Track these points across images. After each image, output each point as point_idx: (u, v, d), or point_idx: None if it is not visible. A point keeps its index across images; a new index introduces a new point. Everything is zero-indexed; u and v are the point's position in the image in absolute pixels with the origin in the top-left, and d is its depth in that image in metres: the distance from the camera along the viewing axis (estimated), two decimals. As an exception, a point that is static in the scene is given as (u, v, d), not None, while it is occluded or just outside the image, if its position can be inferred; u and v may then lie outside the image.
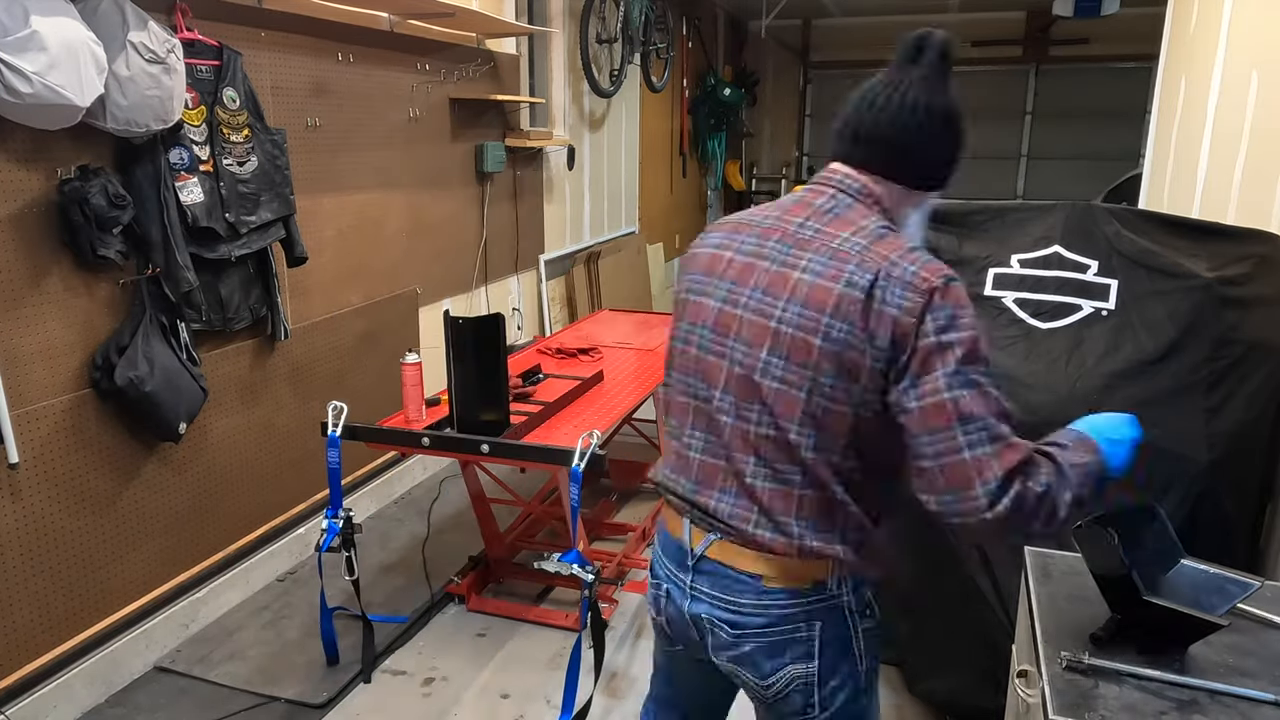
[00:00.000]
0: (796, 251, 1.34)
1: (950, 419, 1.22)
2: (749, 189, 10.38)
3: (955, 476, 1.23)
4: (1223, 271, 2.21)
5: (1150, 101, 4.25)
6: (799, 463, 1.33)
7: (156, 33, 2.47)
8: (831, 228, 1.34)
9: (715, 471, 1.41)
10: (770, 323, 1.32)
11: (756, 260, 1.37)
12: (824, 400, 1.29)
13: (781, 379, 1.31)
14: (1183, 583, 1.49)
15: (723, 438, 1.39)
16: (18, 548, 2.43)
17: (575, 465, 2.52)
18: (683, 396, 1.46)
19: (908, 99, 1.34)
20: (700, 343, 1.42)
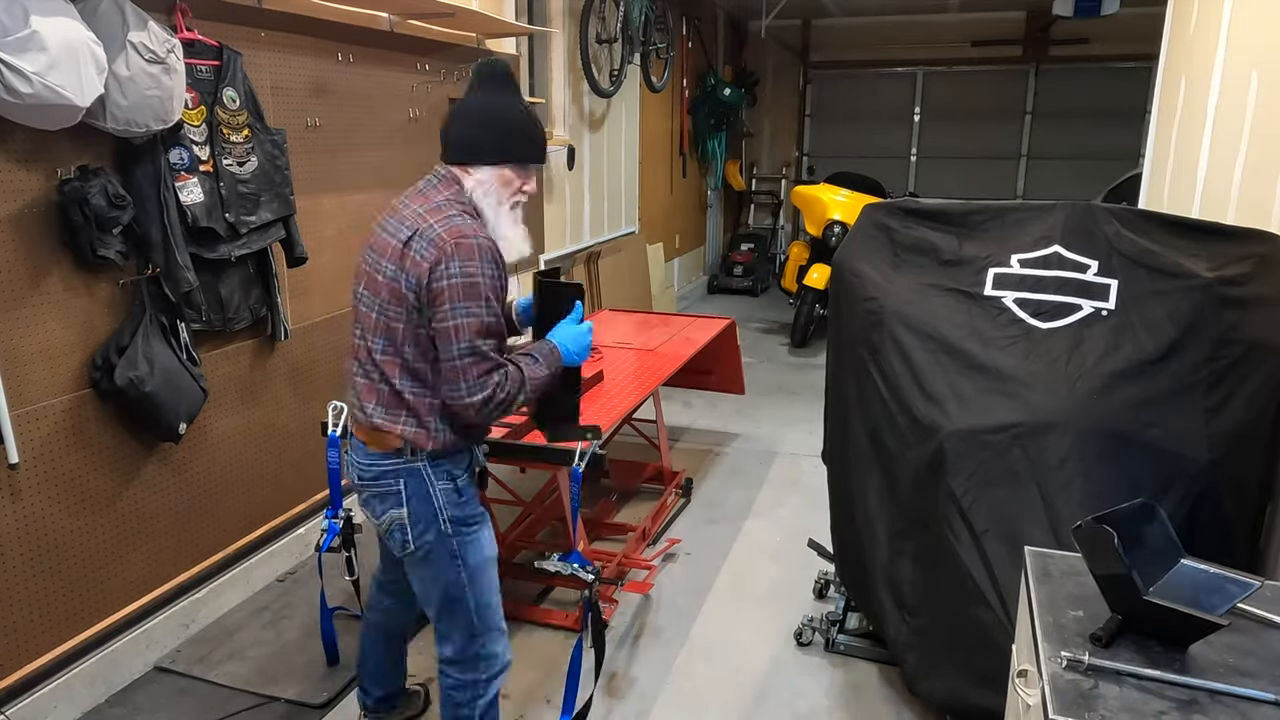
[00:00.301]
0: (388, 219, 1.96)
1: (450, 339, 1.84)
2: (749, 189, 10.38)
3: (451, 376, 1.87)
4: (1223, 271, 2.21)
5: (1150, 101, 4.25)
6: (374, 364, 1.94)
7: (156, 33, 2.47)
8: (413, 202, 1.95)
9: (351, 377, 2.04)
10: (372, 270, 1.94)
11: (379, 230, 1.98)
12: (383, 318, 1.91)
13: (368, 306, 1.94)
14: (1183, 583, 1.49)
15: (354, 355, 2.02)
16: (18, 548, 2.43)
17: (575, 465, 2.51)
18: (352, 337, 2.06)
19: (462, 105, 2.02)
20: (356, 296, 2.01)
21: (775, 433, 5.11)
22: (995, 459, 2.19)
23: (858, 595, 2.82)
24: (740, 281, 9.24)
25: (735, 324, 4.46)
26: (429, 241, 1.85)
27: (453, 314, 1.84)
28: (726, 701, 2.73)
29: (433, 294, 1.84)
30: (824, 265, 6.51)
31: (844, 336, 2.66)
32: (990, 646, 2.12)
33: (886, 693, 2.75)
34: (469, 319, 1.84)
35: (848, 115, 10.05)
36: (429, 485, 2.01)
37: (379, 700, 2.52)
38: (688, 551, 3.67)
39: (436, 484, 2.01)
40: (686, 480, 4.24)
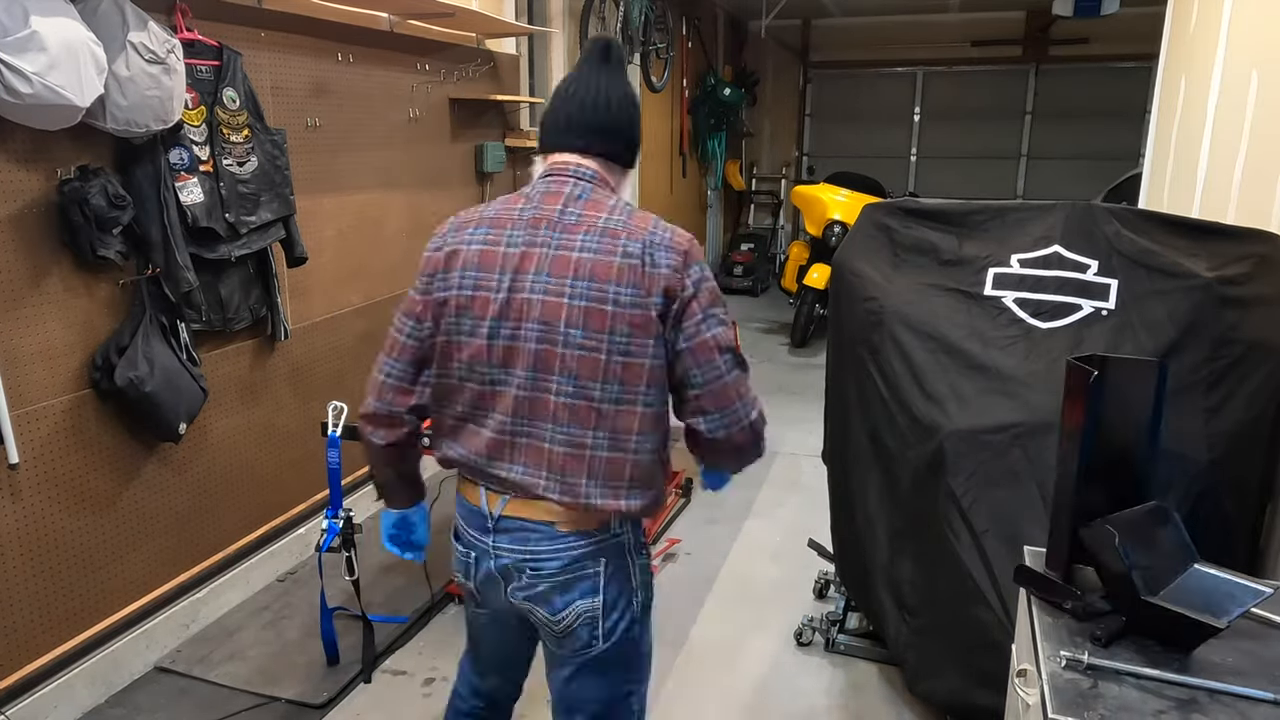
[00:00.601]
0: (568, 235, 1.51)
1: (712, 352, 1.49)
2: (749, 189, 10.37)
3: (724, 399, 1.51)
4: (1223, 271, 2.21)
5: (1150, 101, 4.25)
6: (596, 422, 1.49)
7: (156, 33, 2.47)
8: (589, 211, 1.53)
9: (504, 447, 1.55)
10: (562, 300, 1.47)
11: (531, 248, 1.51)
12: (621, 358, 1.46)
13: (581, 345, 1.47)
14: (1193, 587, 1.49)
15: (521, 411, 1.52)
16: (18, 548, 2.43)
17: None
18: (473, 383, 1.56)
19: (612, 93, 1.59)
20: (490, 331, 1.52)
21: (775, 433, 5.08)
22: (995, 459, 2.20)
23: (858, 595, 2.82)
24: (740, 281, 9.24)
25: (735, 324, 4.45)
26: (666, 247, 1.50)
27: (709, 323, 1.51)
28: (726, 701, 2.73)
29: (687, 305, 1.49)
30: (824, 265, 6.51)
31: (844, 336, 2.66)
32: (990, 646, 2.12)
33: (886, 693, 2.75)
34: (724, 328, 1.53)
35: (848, 115, 10.05)
36: (630, 558, 1.63)
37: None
38: (688, 551, 3.67)
39: (637, 560, 1.63)
40: (686, 480, 4.24)
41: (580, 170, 1.58)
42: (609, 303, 1.46)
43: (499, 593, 1.64)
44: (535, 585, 1.58)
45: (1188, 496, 2.08)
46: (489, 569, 1.63)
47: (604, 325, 1.46)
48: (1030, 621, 1.54)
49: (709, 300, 1.52)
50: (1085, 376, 1.47)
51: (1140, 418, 1.56)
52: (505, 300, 1.51)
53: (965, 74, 9.53)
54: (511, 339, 1.51)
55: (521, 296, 1.50)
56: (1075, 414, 1.52)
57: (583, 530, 1.56)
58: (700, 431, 1.55)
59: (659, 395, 1.51)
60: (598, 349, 1.47)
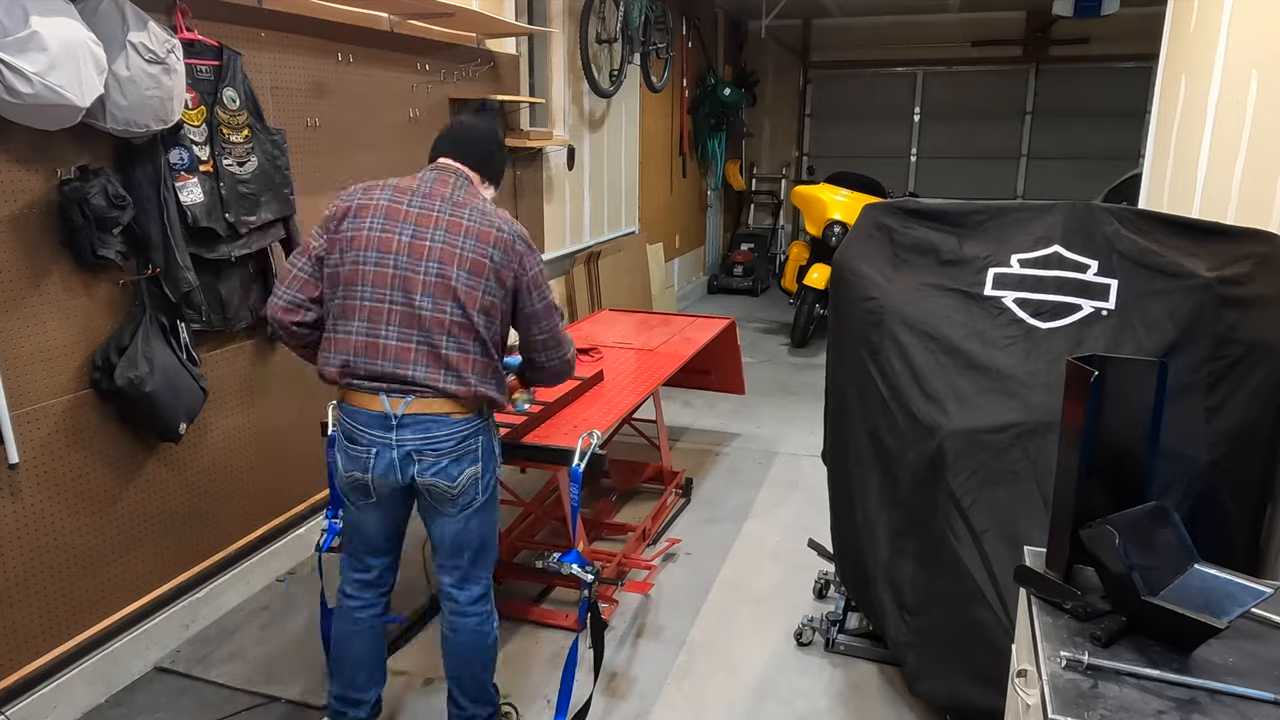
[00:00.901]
0: (458, 209, 2.15)
1: (550, 313, 2.25)
2: (749, 189, 10.37)
3: (554, 341, 2.29)
4: (1223, 271, 2.21)
5: (1150, 101, 4.25)
6: (475, 336, 2.12)
7: (156, 33, 2.47)
8: (469, 198, 2.18)
9: (409, 351, 2.10)
10: (455, 250, 2.10)
11: (429, 212, 2.14)
12: (489, 297, 2.13)
13: (468, 284, 2.10)
14: (1193, 587, 1.49)
15: (422, 326, 2.09)
16: (18, 548, 2.43)
17: (575, 465, 2.52)
18: (375, 302, 2.11)
19: (484, 128, 2.39)
20: (396, 263, 2.10)
21: (775, 433, 5.11)
22: (995, 459, 2.20)
23: (858, 595, 2.82)
24: (740, 281, 9.24)
25: (735, 324, 4.46)
26: (520, 238, 2.19)
27: (548, 290, 2.25)
28: (726, 701, 2.73)
29: (531, 280, 2.19)
30: (824, 265, 6.51)
31: (844, 336, 2.66)
32: (990, 646, 2.12)
33: (886, 693, 2.75)
34: (553, 295, 2.29)
35: (848, 115, 10.05)
36: (493, 437, 2.29)
37: (376, 704, 2.43)
38: (688, 551, 3.67)
39: (496, 434, 2.31)
40: (686, 480, 4.24)
41: (460, 171, 2.24)
42: (486, 259, 2.12)
43: (395, 477, 2.16)
44: (438, 462, 2.15)
45: (1188, 496, 2.08)
46: (390, 459, 2.14)
47: (481, 273, 2.11)
48: (1030, 621, 1.54)
49: (543, 280, 2.24)
50: (1085, 376, 1.47)
51: (1140, 418, 1.56)
52: (409, 243, 2.10)
53: (965, 74, 9.53)
54: (413, 271, 2.09)
55: (423, 244, 2.10)
56: (1075, 414, 1.52)
57: (467, 415, 2.16)
58: (539, 360, 2.33)
59: (500, 328, 2.19)
60: (475, 288, 2.11)
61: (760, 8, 8.26)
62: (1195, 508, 2.08)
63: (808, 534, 3.46)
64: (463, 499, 2.21)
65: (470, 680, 2.37)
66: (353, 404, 2.16)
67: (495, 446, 2.29)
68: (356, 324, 2.12)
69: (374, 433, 2.14)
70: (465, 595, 2.32)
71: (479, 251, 2.11)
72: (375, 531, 2.31)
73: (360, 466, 2.17)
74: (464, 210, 2.14)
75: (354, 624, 2.37)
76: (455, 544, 2.27)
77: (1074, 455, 1.52)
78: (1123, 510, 1.52)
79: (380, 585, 2.40)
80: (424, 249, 2.09)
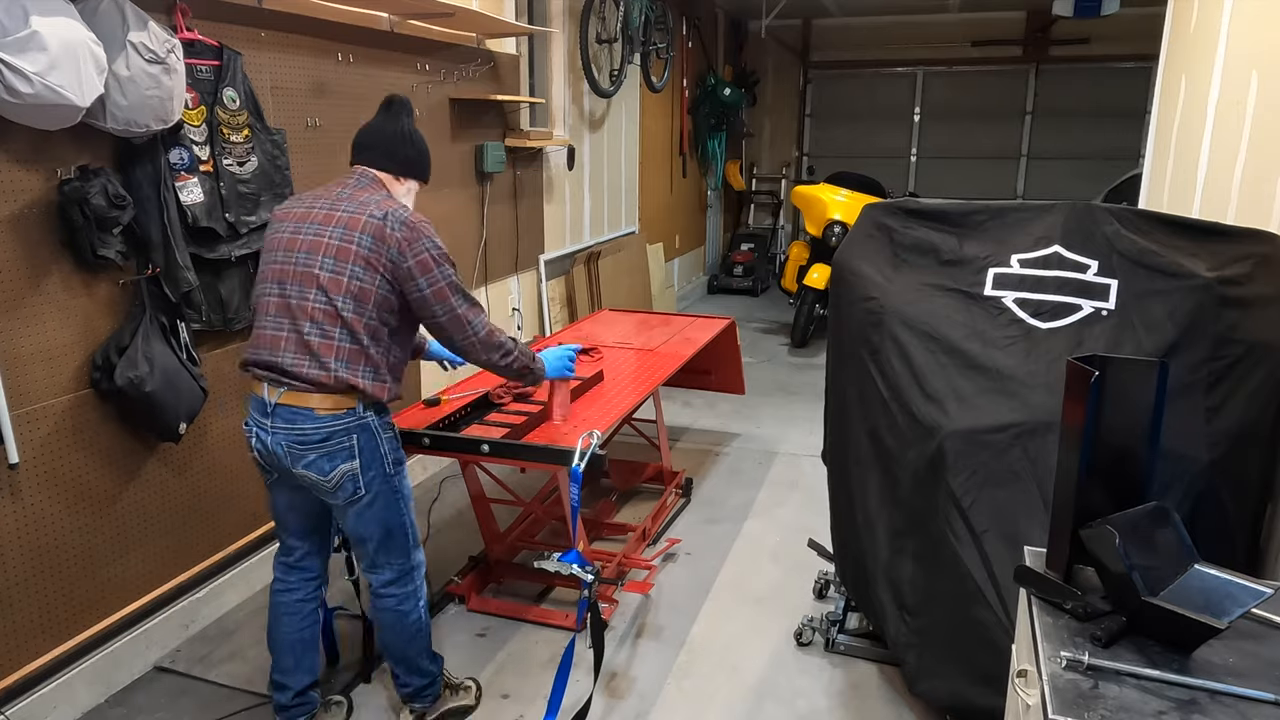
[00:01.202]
0: (336, 204, 2.22)
1: (445, 296, 2.22)
2: (749, 189, 10.37)
3: (457, 323, 2.26)
4: (1223, 271, 2.21)
5: (1150, 101, 4.25)
6: (340, 322, 2.15)
7: (156, 33, 2.47)
8: (357, 194, 2.25)
9: (280, 339, 2.18)
10: (323, 240, 2.17)
11: (312, 209, 2.23)
12: (356, 282, 2.15)
13: (333, 270, 2.15)
14: (1194, 587, 1.49)
15: (290, 314, 2.16)
16: (18, 548, 2.43)
17: (575, 465, 2.52)
18: (260, 298, 2.23)
19: (385, 127, 2.36)
20: (274, 259, 2.22)
21: (775, 433, 5.11)
22: (995, 459, 2.20)
23: (858, 595, 2.82)
24: (740, 281, 9.24)
25: (735, 324, 4.46)
26: (400, 222, 2.18)
27: (439, 275, 2.21)
28: (726, 701, 2.73)
29: (414, 266, 2.18)
30: (824, 265, 6.51)
31: (844, 336, 2.66)
32: (990, 646, 2.12)
33: (886, 693, 2.75)
34: (451, 279, 2.24)
35: (848, 115, 10.05)
36: (377, 437, 2.26)
37: (300, 693, 2.46)
38: (688, 551, 3.67)
39: (382, 434, 2.28)
40: (686, 480, 4.24)
41: (364, 173, 2.32)
42: (352, 244, 2.15)
43: (274, 461, 2.24)
44: (306, 454, 2.20)
45: (1188, 496, 2.08)
46: (266, 443, 2.23)
47: (346, 259, 2.15)
48: (1030, 622, 1.54)
49: (435, 262, 2.20)
50: (1086, 376, 1.47)
51: (1140, 418, 1.56)
52: (287, 239, 2.21)
53: (965, 74, 9.53)
54: (284, 264, 2.19)
55: (297, 238, 2.20)
56: (1075, 414, 1.52)
57: (336, 410, 2.18)
58: (456, 345, 2.31)
59: (380, 313, 2.19)
60: (341, 274, 2.15)
61: (760, 8, 8.26)
62: (1195, 508, 2.08)
63: (808, 534, 3.46)
64: (341, 494, 2.24)
65: (399, 654, 2.48)
66: (250, 390, 2.29)
67: (381, 445, 2.27)
68: (255, 322, 2.26)
69: (256, 416, 2.25)
70: (377, 579, 2.40)
71: (345, 239, 2.16)
72: (284, 509, 2.40)
73: (250, 444, 2.29)
74: (342, 203, 2.22)
75: (277, 606, 2.46)
76: (354, 534, 2.36)
77: (1074, 455, 1.52)
78: (1123, 510, 1.52)
79: (303, 569, 2.47)
80: (296, 242, 2.19)
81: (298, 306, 2.16)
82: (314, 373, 2.15)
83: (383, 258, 2.15)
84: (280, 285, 2.18)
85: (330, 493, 2.25)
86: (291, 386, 2.16)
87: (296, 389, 2.16)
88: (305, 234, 2.19)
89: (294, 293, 2.16)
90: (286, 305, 2.17)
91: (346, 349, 2.16)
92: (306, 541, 2.45)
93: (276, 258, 2.21)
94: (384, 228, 2.16)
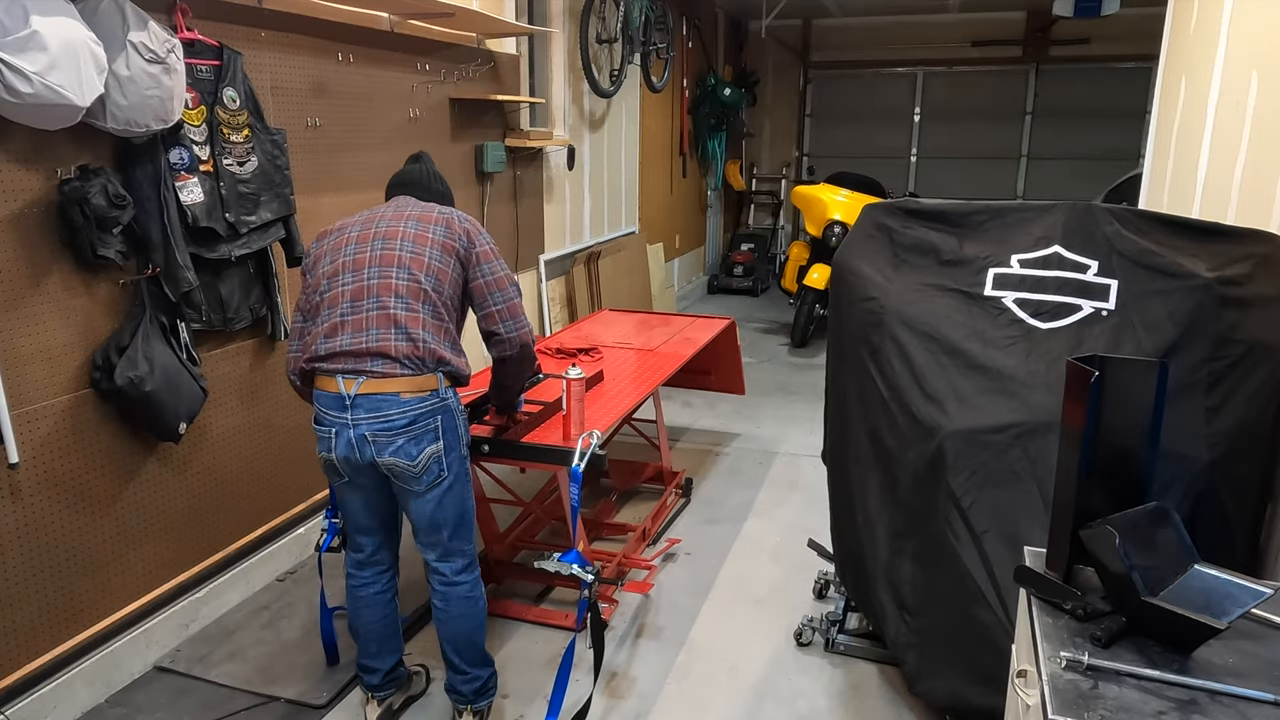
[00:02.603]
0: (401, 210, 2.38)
1: (503, 284, 2.35)
2: (749, 189, 10.37)
3: (510, 312, 2.35)
4: (1223, 271, 2.21)
5: (1150, 101, 4.25)
6: (424, 296, 2.24)
7: (156, 33, 2.47)
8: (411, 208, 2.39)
9: (361, 320, 2.22)
10: (399, 229, 2.30)
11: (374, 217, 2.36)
12: (435, 263, 2.27)
13: (413, 251, 2.27)
14: (1193, 587, 1.49)
15: (371, 294, 2.23)
16: (18, 548, 2.43)
17: (575, 465, 2.52)
18: (331, 292, 2.26)
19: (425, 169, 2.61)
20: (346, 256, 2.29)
21: (775, 433, 5.11)
22: (995, 459, 2.20)
23: (858, 595, 2.82)
24: (740, 281, 9.24)
25: (735, 324, 4.46)
26: (463, 218, 2.37)
27: (499, 266, 2.35)
28: (726, 701, 2.73)
29: (479, 254, 2.33)
30: (824, 265, 6.51)
31: (844, 336, 2.66)
32: (990, 646, 2.12)
33: (886, 693, 2.75)
34: (508, 271, 2.38)
35: (848, 115, 10.05)
36: (456, 418, 2.33)
37: (389, 673, 2.55)
38: (688, 551, 3.67)
39: (460, 415, 2.35)
40: (686, 480, 4.24)
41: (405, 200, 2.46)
42: (428, 233, 2.30)
43: (356, 456, 2.25)
44: (394, 441, 2.22)
45: (1188, 496, 2.08)
46: (349, 438, 2.23)
47: (424, 243, 2.28)
48: (1030, 622, 1.54)
49: (494, 254, 2.36)
50: (1086, 377, 1.47)
51: (1140, 418, 1.56)
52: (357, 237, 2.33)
53: (965, 74, 9.53)
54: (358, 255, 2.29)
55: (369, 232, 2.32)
56: (1075, 414, 1.52)
57: (421, 393, 2.23)
58: (499, 332, 2.36)
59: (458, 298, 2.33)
60: (420, 254, 2.27)
61: (760, 8, 8.26)
62: (1195, 508, 2.08)
63: (808, 534, 3.46)
64: (427, 477, 2.28)
65: (468, 646, 2.46)
66: (318, 387, 2.28)
67: (459, 425, 2.34)
68: (320, 320, 2.28)
69: (332, 413, 2.25)
70: (450, 568, 2.41)
71: (421, 229, 2.30)
72: (358, 510, 2.42)
73: (325, 447, 2.29)
74: (405, 209, 2.37)
75: (356, 601, 2.50)
76: (432, 522, 2.36)
77: (1074, 455, 1.52)
78: (1123, 510, 1.52)
79: (377, 564, 2.50)
80: (368, 236, 2.30)
81: (380, 285, 2.23)
82: (402, 345, 2.19)
83: (454, 243, 2.29)
84: (355, 274, 2.25)
85: (416, 478, 2.27)
86: (371, 374, 2.19)
87: (377, 376, 2.19)
88: (378, 229, 2.31)
89: (373, 275, 2.24)
90: (364, 288, 2.23)
91: (431, 323, 2.24)
92: (377, 536, 2.48)
93: (347, 254, 2.28)
94: (453, 219, 2.33)
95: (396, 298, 2.22)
